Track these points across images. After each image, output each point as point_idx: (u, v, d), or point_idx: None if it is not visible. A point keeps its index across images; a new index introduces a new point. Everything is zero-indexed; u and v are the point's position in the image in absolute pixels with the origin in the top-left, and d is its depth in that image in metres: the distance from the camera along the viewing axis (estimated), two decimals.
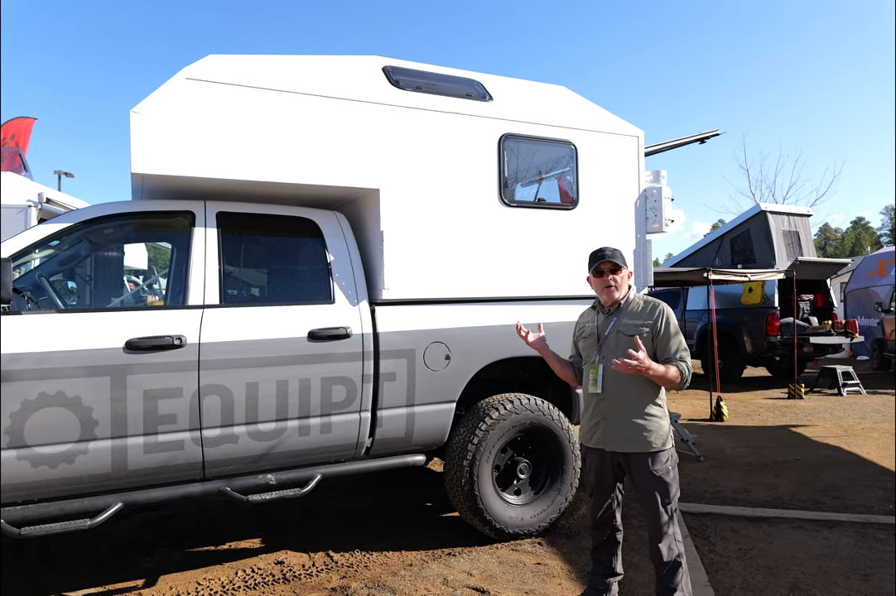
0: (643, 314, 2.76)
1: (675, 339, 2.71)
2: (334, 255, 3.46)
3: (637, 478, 2.71)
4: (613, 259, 2.77)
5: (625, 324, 2.76)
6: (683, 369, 2.66)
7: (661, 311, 2.75)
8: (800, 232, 11.05)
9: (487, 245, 3.76)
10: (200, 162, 3.09)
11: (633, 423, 2.70)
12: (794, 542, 3.73)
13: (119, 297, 5.29)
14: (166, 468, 2.97)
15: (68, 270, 4.14)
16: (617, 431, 2.73)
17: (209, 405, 2.99)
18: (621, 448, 2.72)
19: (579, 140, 4.08)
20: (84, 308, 3.10)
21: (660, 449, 2.68)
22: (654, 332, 2.71)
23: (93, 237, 3.32)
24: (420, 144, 3.60)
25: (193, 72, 3.09)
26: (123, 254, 4.86)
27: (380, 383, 3.40)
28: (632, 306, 2.81)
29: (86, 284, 4.62)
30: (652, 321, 2.72)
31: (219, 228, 3.24)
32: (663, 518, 2.67)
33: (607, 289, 2.81)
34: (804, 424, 7.32)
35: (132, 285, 7.52)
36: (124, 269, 5.56)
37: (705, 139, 5.31)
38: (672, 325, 2.72)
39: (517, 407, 3.76)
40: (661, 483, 2.67)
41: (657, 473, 2.67)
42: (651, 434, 2.68)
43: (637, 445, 2.69)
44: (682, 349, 2.70)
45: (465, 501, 3.62)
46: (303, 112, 3.32)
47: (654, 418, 2.71)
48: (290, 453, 3.22)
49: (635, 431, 2.69)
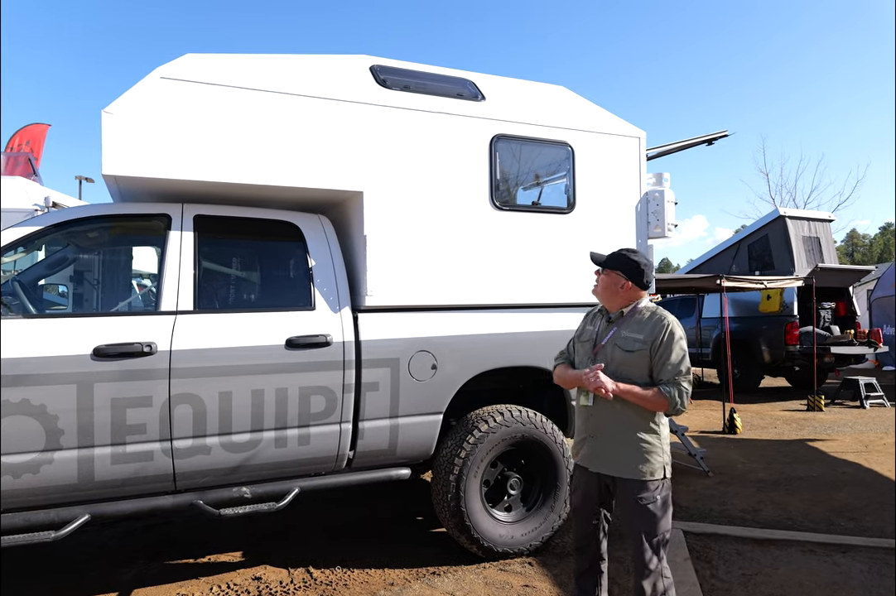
0: (645, 327, 2.46)
1: (674, 359, 2.39)
2: (316, 260, 3.34)
3: (621, 505, 2.48)
4: (595, 260, 2.58)
5: (624, 336, 2.48)
6: (673, 395, 2.35)
7: (665, 326, 2.43)
8: (821, 238, 10.73)
9: (477, 250, 3.61)
10: (175, 164, 2.99)
11: (620, 445, 2.45)
12: (802, 568, 3.52)
13: (127, 299, 5.23)
14: (135, 480, 2.87)
15: (57, 274, 4.08)
16: (603, 450, 2.50)
17: (180, 415, 2.89)
18: (606, 470, 2.49)
19: (576, 141, 3.92)
20: (51, 314, 3.01)
21: (648, 479, 2.41)
22: (651, 349, 2.42)
23: (66, 240, 3.25)
24: (407, 146, 3.48)
25: (169, 71, 3.01)
26: (132, 257, 4.78)
27: (362, 393, 3.27)
28: (636, 317, 2.51)
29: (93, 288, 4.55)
30: (652, 337, 2.42)
31: (195, 232, 3.14)
32: (646, 554, 2.39)
33: (594, 291, 2.62)
34: (822, 438, 7.04)
35: (141, 288, 7.50)
36: (133, 272, 5.51)
37: (713, 140, 5.12)
38: (673, 343, 2.40)
39: (508, 419, 3.60)
40: (647, 515, 2.39)
41: (643, 502, 2.40)
42: (639, 461, 2.42)
43: (623, 469, 2.44)
44: (679, 372, 2.38)
45: (452, 517, 3.46)
46: (283, 112, 3.22)
47: (644, 444, 2.43)
48: (266, 466, 3.10)
49: (622, 455, 2.45)
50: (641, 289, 2.54)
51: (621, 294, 2.53)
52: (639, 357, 2.43)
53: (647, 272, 2.52)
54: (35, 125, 11.86)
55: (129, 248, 4.04)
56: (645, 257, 2.55)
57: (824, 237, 10.81)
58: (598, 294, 2.60)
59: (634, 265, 2.50)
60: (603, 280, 2.56)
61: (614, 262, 2.54)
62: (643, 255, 2.56)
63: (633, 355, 2.44)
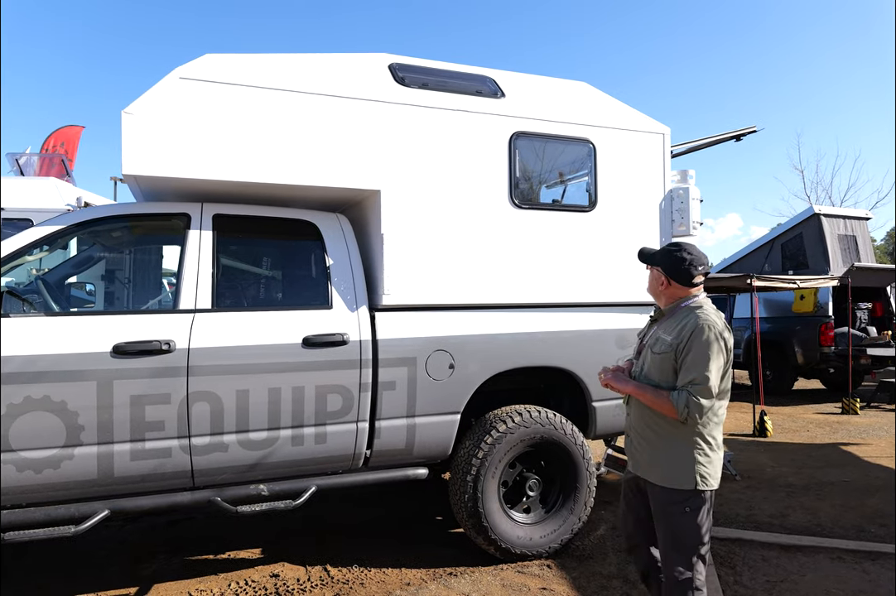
0: (677, 328, 2.29)
1: (690, 363, 2.20)
2: (334, 259, 3.34)
3: (652, 510, 2.37)
4: (642, 255, 2.48)
5: (658, 337, 2.36)
6: (679, 402, 2.17)
7: (694, 329, 2.22)
8: (857, 236, 10.40)
9: (496, 249, 3.57)
10: (195, 163, 3.02)
11: (649, 448, 2.34)
12: (830, 575, 3.41)
13: (150, 298, 5.31)
14: (154, 476, 2.90)
15: (87, 273, 4.16)
16: (636, 451, 2.43)
17: (198, 412, 2.91)
18: (638, 471, 2.41)
19: (598, 138, 3.85)
20: (73, 311, 3.06)
21: (673, 487, 2.25)
22: (676, 352, 2.25)
23: (91, 240, 3.30)
24: (425, 144, 3.45)
25: (188, 71, 3.03)
26: (154, 256, 4.85)
27: (378, 392, 3.26)
28: (675, 316, 2.36)
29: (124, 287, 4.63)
30: (678, 339, 2.25)
31: (214, 231, 3.17)
32: (670, 565, 2.26)
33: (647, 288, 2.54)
34: (856, 442, 6.83)
35: (171, 287, 7.62)
36: (163, 271, 5.60)
37: (741, 136, 4.99)
38: (693, 346, 2.20)
39: (526, 420, 3.56)
40: (671, 525, 2.27)
41: (667, 510, 2.27)
42: (666, 467, 2.27)
43: (652, 473, 2.32)
44: (692, 380, 2.18)
45: (469, 518, 3.44)
46: (302, 111, 3.22)
47: (674, 450, 2.26)
48: (283, 464, 3.11)
49: (650, 458, 2.34)
50: (685, 286, 2.37)
51: (663, 292, 2.42)
52: (664, 360, 2.29)
53: (689, 269, 2.33)
54: (69, 127, 12.13)
55: (151, 248, 4.09)
56: (690, 252, 2.35)
57: (861, 235, 10.49)
58: (648, 292, 2.53)
59: (675, 261, 2.35)
60: (648, 277, 2.49)
61: (656, 258, 2.43)
62: (690, 249, 2.36)
63: (659, 358, 2.31)
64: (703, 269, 2.36)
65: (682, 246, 2.39)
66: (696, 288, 2.39)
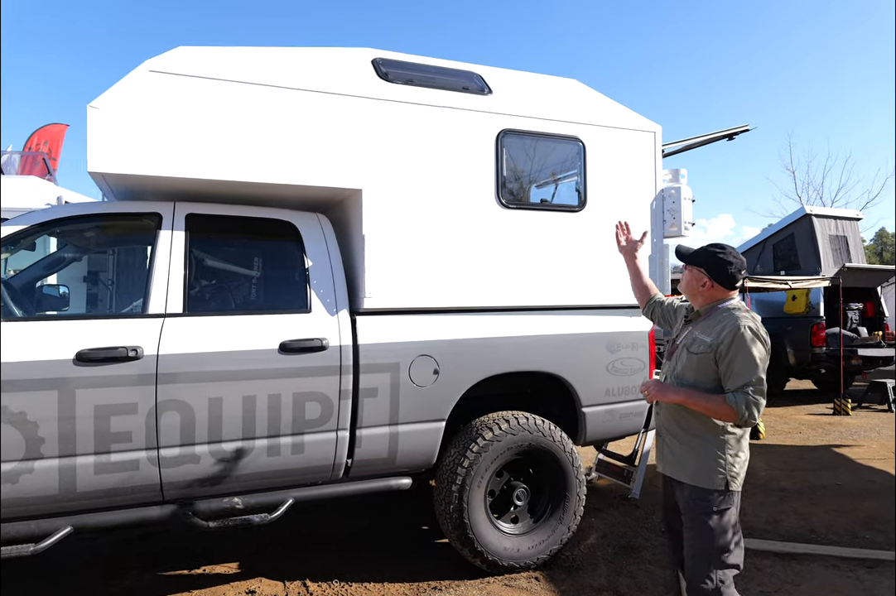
0: (714, 329, 2.27)
1: (740, 366, 2.17)
2: (313, 261, 3.20)
3: (681, 508, 2.35)
4: (680, 254, 2.47)
5: (695, 338, 2.33)
6: (740, 405, 2.12)
7: (733, 329, 2.20)
8: (848, 236, 10.37)
9: (483, 250, 3.45)
10: (165, 161, 2.87)
11: (680, 446, 2.34)
12: (825, 584, 3.31)
13: (126, 301, 5.16)
14: (120, 490, 2.75)
15: (55, 275, 4.00)
16: (667, 450, 2.41)
17: (167, 422, 2.77)
18: (668, 471, 2.41)
19: (588, 136, 3.74)
20: (33, 316, 2.91)
21: (704, 487, 2.24)
22: (717, 353, 2.23)
23: (62, 240, 3.15)
24: (409, 141, 3.32)
25: (159, 64, 2.88)
26: (123, 258, 4.71)
27: (359, 400, 3.12)
28: (713, 316, 2.34)
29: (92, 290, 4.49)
30: (718, 340, 2.23)
31: (187, 231, 3.02)
32: (695, 571, 2.21)
33: (679, 286, 2.52)
34: (848, 444, 6.76)
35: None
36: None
37: (733, 135, 4.90)
38: (742, 346, 2.18)
39: (514, 427, 3.43)
40: (701, 527, 2.23)
41: (697, 511, 2.24)
42: (697, 466, 2.27)
43: (681, 472, 2.32)
44: (749, 382, 2.15)
45: (454, 529, 3.31)
46: (280, 107, 3.08)
47: (706, 449, 2.26)
48: (259, 475, 2.97)
49: (681, 457, 2.33)
50: (727, 289, 2.36)
51: (702, 292, 2.39)
52: (701, 361, 2.27)
53: (735, 274, 2.33)
54: (53, 125, 11.90)
55: (121, 249, 3.94)
56: (736, 257, 2.35)
57: (852, 236, 10.45)
58: (682, 289, 2.49)
59: (720, 263, 2.33)
60: (685, 276, 2.43)
61: (698, 258, 2.39)
62: (734, 253, 2.36)
63: (696, 358, 2.29)
64: (744, 274, 2.41)
65: (727, 249, 2.37)
66: (735, 291, 2.40)
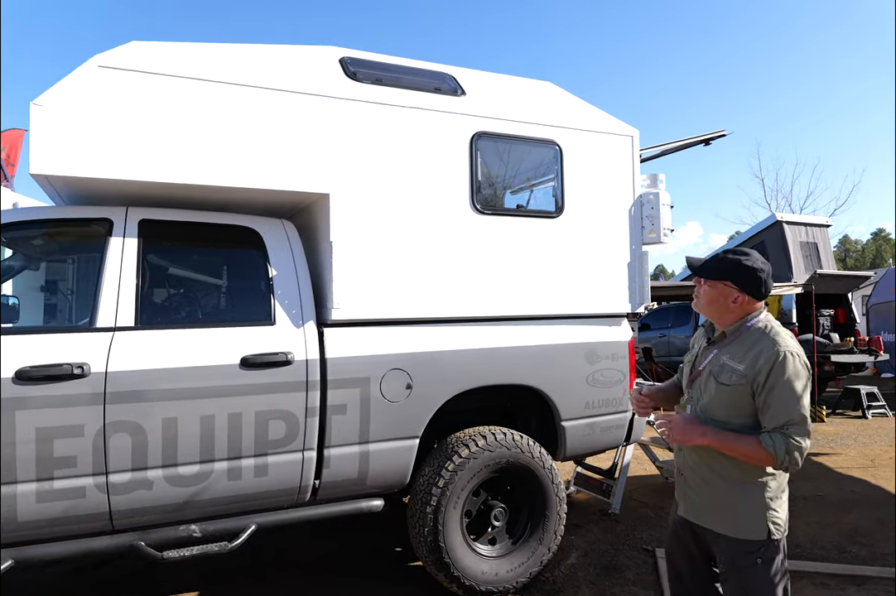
0: (749, 354, 1.90)
1: (781, 401, 1.82)
2: (277, 270, 3.01)
3: (718, 560, 2.01)
4: (693, 267, 2.06)
5: (722, 363, 1.96)
6: (778, 450, 1.78)
7: (772, 356, 1.85)
8: (818, 243, 10.48)
9: (457, 258, 3.30)
10: (115, 162, 2.67)
11: (709, 491, 1.99)
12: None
13: (72, 314, 4.87)
14: (65, 519, 2.52)
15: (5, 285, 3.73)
16: (693, 494, 2.04)
17: (117, 446, 2.55)
18: (694, 518, 2.03)
19: (565, 139, 3.62)
20: None
21: (743, 537, 1.90)
22: (754, 384, 1.86)
23: (9, 248, 2.92)
24: (379, 143, 3.16)
25: (108, 59, 2.69)
26: (70, 267, 4.42)
27: (327, 417, 2.94)
28: (743, 337, 1.96)
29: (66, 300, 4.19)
30: (755, 369, 1.86)
31: (140, 238, 2.82)
32: None
33: (695, 305, 2.11)
34: (826, 453, 6.73)
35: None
36: None
37: (710, 140, 4.86)
38: (778, 380, 1.83)
39: (491, 443, 3.27)
40: (742, 580, 1.90)
41: (741, 565, 1.91)
42: (731, 514, 1.93)
43: (714, 521, 1.97)
44: (791, 421, 1.80)
45: (429, 553, 3.13)
46: (240, 106, 2.90)
47: (739, 494, 1.92)
48: (218, 501, 2.76)
49: (711, 503, 1.98)
50: (758, 301, 1.99)
51: (733, 309, 1.98)
52: (734, 393, 1.90)
53: (765, 278, 1.96)
54: (12, 130, 11.49)
55: (70, 258, 3.69)
56: (760, 260, 1.99)
57: (822, 243, 10.56)
58: (702, 309, 2.06)
59: (748, 272, 1.94)
60: (707, 293, 2.00)
61: (721, 270, 1.98)
62: (757, 256, 2.00)
63: (728, 391, 1.92)
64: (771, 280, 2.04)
65: (749, 253, 2.00)
66: (762, 301, 2.03)
